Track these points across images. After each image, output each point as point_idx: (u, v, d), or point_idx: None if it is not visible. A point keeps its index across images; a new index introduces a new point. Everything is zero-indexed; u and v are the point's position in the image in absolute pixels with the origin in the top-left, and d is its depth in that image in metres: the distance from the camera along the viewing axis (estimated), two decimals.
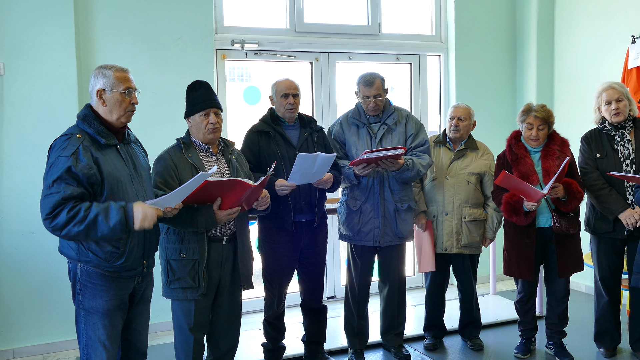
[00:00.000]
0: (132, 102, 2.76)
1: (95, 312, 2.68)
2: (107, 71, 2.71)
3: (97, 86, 2.70)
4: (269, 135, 3.68)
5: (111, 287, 2.70)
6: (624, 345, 4.14)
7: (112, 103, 2.70)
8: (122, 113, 2.73)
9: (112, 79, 2.70)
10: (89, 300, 2.68)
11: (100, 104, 2.70)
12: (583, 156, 3.95)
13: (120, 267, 2.69)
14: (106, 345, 2.70)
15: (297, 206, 3.67)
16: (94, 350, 2.70)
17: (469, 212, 4.08)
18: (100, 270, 2.67)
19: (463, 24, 5.83)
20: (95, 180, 2.58)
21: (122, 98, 2.71)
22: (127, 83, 2.74)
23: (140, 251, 2.77)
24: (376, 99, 3.84)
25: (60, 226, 2.50)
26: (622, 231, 3.81)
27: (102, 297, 2.68)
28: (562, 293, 3.98)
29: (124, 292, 2.77)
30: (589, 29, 5.51)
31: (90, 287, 2.68)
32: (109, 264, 2.66)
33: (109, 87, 2.69)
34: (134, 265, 2.75)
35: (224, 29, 5.07)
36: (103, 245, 2.64)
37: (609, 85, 3.91)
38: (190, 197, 2.85)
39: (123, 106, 2.72)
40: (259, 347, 4.03)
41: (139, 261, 2.78)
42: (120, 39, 4.57)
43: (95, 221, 2.51)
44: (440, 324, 4.39)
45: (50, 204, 2.51)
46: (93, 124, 2.66)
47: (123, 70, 2.76)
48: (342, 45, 5.46)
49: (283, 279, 3.80)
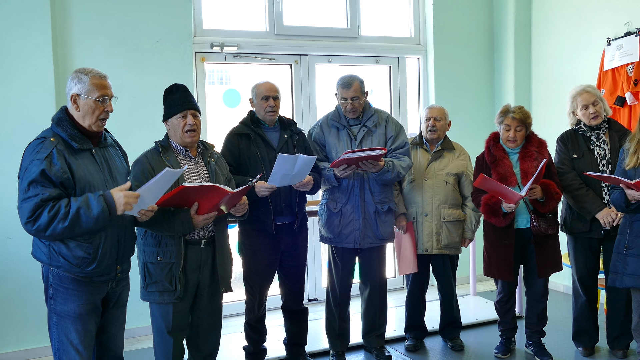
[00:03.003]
0: (106, 110, 2.72)
1: (67, 316, 2.66)
2: (83, 76, 2.68)
3: (72, 90, 2.68)
4: (249, 137, 3.67)
5: (83, 291, 2.67)
6: (602, 344, 4.19)
7: (85, 109, 2.67)
8: (93, 121, 2.70)
9: (87, 85, 2.67)
10: (61, 304, 2.66)
11: (74, 108, 2.68)
12: (560, 157, 3.99)
13: (91, 272, 2.67)
14: (79, 349, 2.67)
15: (277, 208, 3.66)
16: (66, 354, 2.67)
17: (448, 212, 4.11)
18: (71, 275, 2.64)
19: (441, 27, 5.87)
20: (68, 185, 2.57)
21: (96, 105, 2.68)
22: (103, 90, 2.71)
23: (113, 257, 2.74)
24: (354, 101, 3.85)
25: (44, 227, 2.48)
26: (599, 231, 3.86)
27: (74, 301, 2.66)
28: (541, 293, 4.01)
29: (96, 297, 2.74)
30: (566, 32, 5.58)
31: (62, 291, 2.65)
32: (80, 270, 2.64)
33: (84, 93, 2.67)
34: (106, 270, 2.72)
35: (203, 31, 5.05)
36: (74, 250, 2.62)
37: (582, 89, 3.96)
38: (167, 201, 2.84)
39: (96, 114, 2.69)
40: (240, 351, 4.02)
41: (112, 266, 2.75)
42: (98, 42, 4.54)
43: (78, 215, 2.49)
44: (421, 325, 4.41)
45: (29, 207, 2.49)
46: (67, 128, 2.64)
47: (100, 77, 2.72)
48: (321, 48, 5.47)
49: (264, 282, 3.79)
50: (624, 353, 4.05)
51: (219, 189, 2.92)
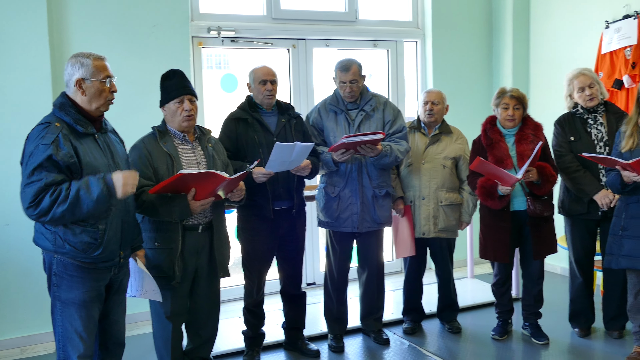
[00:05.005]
0: (112, 91, 2.73)
1: (71, 303, 2.67)
2: (85, 60, 2.67)
3: (75, 75, 2.66)
4: (246, 122, 3.67)
5: (88, 278, 2.68)
6: (598, 325, 4.23)
7: (92, 92, 2.67)
8: (102, 102, 2.70)
9: (91, 68, 2.66)
10: (65, 291, 2.67)
11: (79, 93, 2.67)
12: (557, 139, 4.00)
13: (97, 258, 2.67)
14: (83, 336, 2.68)
15: (275, 193, 3.67)
16: (70, 341, 2.68)
17: (445, 196, 4.12)
18: (76, 262, 2.64)
19: (440, 10, 5.84)
20: (75, 170, 2.56)
21: (103, 87, 2.69)
22: (105, 71, 2.71)
23: (117, 242, 2.75)
24: (352, 85, 3.85)
25: (45, 211, 2.49)
26: (596, 212, 3.88)
27: (79, 288, 2.66)
28: (537, 275, 4.04)
29: (100, 283, 2.75)
30: (564, 15, 5.56)
31: (66, 278, 2.66)
32: (85, 255, 2.64)
33: (89, 76, 2.66)
34: (110, 256, 2.73)
35: (200, 16, 5.03)
36: (80, 235, 2.62)
37: (579, 72, 3.97)
38: (165, 188, 2.85)
39: (104, 95, 2.70)
40: (239, 335, 4.05)
41: (116, 252, 2.76)
42: (94, 27, 4.51)
43: (77, 197, 2.49)
44: (419, 308, 4.44)
45: (32, 192, 2.49)
46: (71, 112, 2.63)
47: (101, 58, 2.72)
48: (319, 32, 5.45)
49: (262, 267, 3.81)
50: (620, 334, 4.09)
51: (216, 175, 2.93)
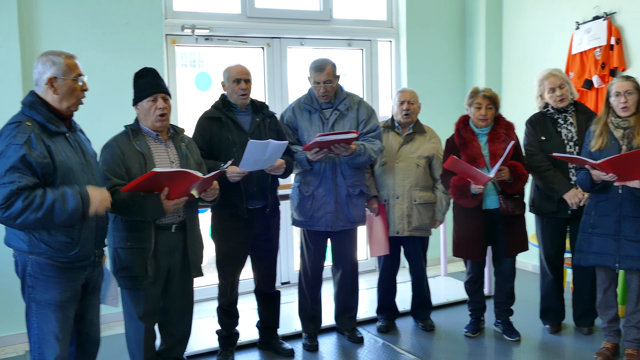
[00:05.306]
0: (83, 89, 2.71)
1: (47, 304, 2.63)
2: (56, 58, 2.65)
3: (46, 74, 2.63)
4: (220, 121, 3.66)
5: (64, 278, 2.65)
6: (568, 321, 4.30)
7: (64, 91, 2.64)
8: (73, 101, 2.69)
9: (63, 66, 2.64)
10: (42, 293, 2.63)
11: (50, 92, 2.64)
12: (528, 139, 4.06)
13: (73, 257, 2.65)
14: (59, 337, 2.65)
15: (249, 192, 3.66)
16: (46, 343, 2.65)
17: (419, 195, 4.15)
18: (52, 262, 2.61)
19: (414, 10, 5.89)
20: (48, 170, 2.53)
21: (75, 85, 2.67)
22: (77, 70, 2.70)
23: (92, 240, 2.73)
24: (326, 85, 3.85)
25: (15, 215, 2.45)
26: (566, 211, 3.95)
27: (55, 289, 2.63)
28: (509, 272, 4.09)
29: (77, 283, 2.73)
30: (536, 16, 5.64)
31: (42, 279, 2.62)
32: (62, 254, 2.61)
33: (61, 74, 2.63)
34: (87, 255, 2.71)
35: (173, 14, 5.00)
36: (56, 235, 2.59)
37: (549, 72, 4.03)
38: (137, 186, 2.83)
39: (75, 94, 2.68)
40: (213, 335, 4.03)
41: (91, 250, 2.74)
42: (66, 25, 4.45)
43: (52, 208, 2.46)
44: (393, 306, 4.47)
45: (3, 194, 2.44)
46: (42, 111, 2.60)
47: (72, 57, 2.71)
48: (293, 31, 5.45)
49: (236, 266, 3.80)
50: (590, 330, 4.17)
51: (189, 174, 2.92)
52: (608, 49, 4.87)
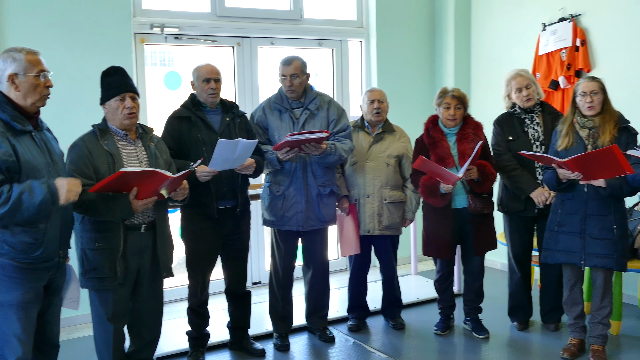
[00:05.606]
0: (47, 85, 2.68)
1: (9, 305, 2.60)
2: (17, 54, 2.62)
3: (7, 71, 2.60)
4: (190, 120, 3.64)
5: (27, 279, 2.62)
6: (536, 318, 4.37)
7: (26, 87, 2.61)
8: (37, 97, 2.65)
9: (24, 62, 2.61)
10: (4, 294, 2.60)
11: (12, 89, 2.60)
12: (496, 138, 4.11)
13: (37, 258, 2.61)
14: (21, 338, 2.62)
15: (219, 192, 3.65)
16: (8, 344, 2.61)
17: (389, 194, 4.18)
18: (15, 263, 2.58)
19: (384, 10, 5.92)
20: (13, 169, 2.50)
21: (37, 81, 2.63)
22: (39, 66, 2.66)
23: (57, 241, 2.70)
24: (292, 79, 3.85)
25: None
26: (533, 209, 4.00)
27: (18, 290, 2.60)
28: (477, 271, 4.14)
29: (39, 284, 2.69)
30: (504, 17, 5.72)
31: (4, 280, 2.59)
32: (25, 256, 2.58)
33: (22, 70, 2.60)
34: (51, 255, 2.68)
35: (142, 12, 4.94)
36: (19, 235, 2.56)
37: (516, 73, 4.09)
38: (105, 186, 2.80)
39: (38, 90, 2.64)
40: (183, 336, 3.99)
41: (56, 251, 2.71)
42: (31, 22, 4.37)
43: (19, 200, 2.44)
44: (364, 305, 4.49)
45: None
46: (7, 109, 2.57)
47: (34, 53, 2.67)
48: (264, 30, 5.44)
49: (206, 266, 3.78)
50: (556, 326, 4.24)
51: (158, 173, 2.89)
52: (573, 50, 4.97)
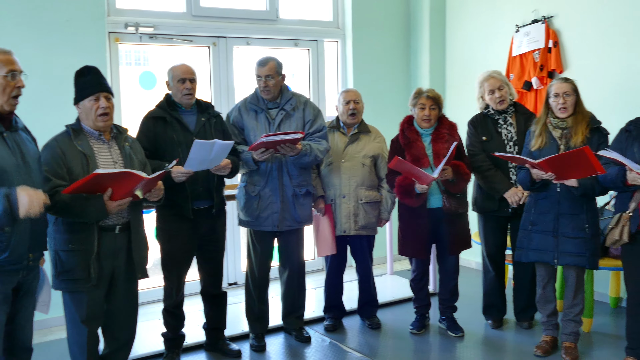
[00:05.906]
0: (18, 86, 2.62)
1: None
2: None
3: None
4: (165, 121, 3.61)
5: None
6: (510, 317, 4.42)
7: None
8: (6, 99, 2.59)
9: None
10: None
11: None
12: (470, 139, 4.16)
13: (3, 261, 2.56)
14: None
15: (195, 193, 3.63)
16: None
17: (365, 194, 4.19)
18: None
19: (360, 11, 5.94)
20: None
21: (6, 82, 2.57)
22: (10, 65, 2.60)
23: (25, 245, 2.64)
24: (267, 80, 3.85)
25: None
26: (507, 209, 4.05)
27: None
28: (452, 270, 4.18)
29: (7, 287, 2.64)
30: (478, 18, 5.78)
31: None
32: None
33: None
34: (18, 259, 2.63)
35: (116, 11, 4.90)
36: None
37: (489, 75, 4.13)
38: (79, 188, 2.76)
39: (7, 91, 2.58)
40: (158, 337, 3.97)
41: (24, 255, 2.65)
42: (2, 20, 4.31)
43: None
44: (340, 305, 4.50)
45: None
46: None
47: (5, 52, 2.61)
48: (240, 30, 5.42)
49: (182, 267, 3.76)
50: (530, 324, 4.30)
51: (133, 174, 2.86)
52: (546, 51, 5.04)
